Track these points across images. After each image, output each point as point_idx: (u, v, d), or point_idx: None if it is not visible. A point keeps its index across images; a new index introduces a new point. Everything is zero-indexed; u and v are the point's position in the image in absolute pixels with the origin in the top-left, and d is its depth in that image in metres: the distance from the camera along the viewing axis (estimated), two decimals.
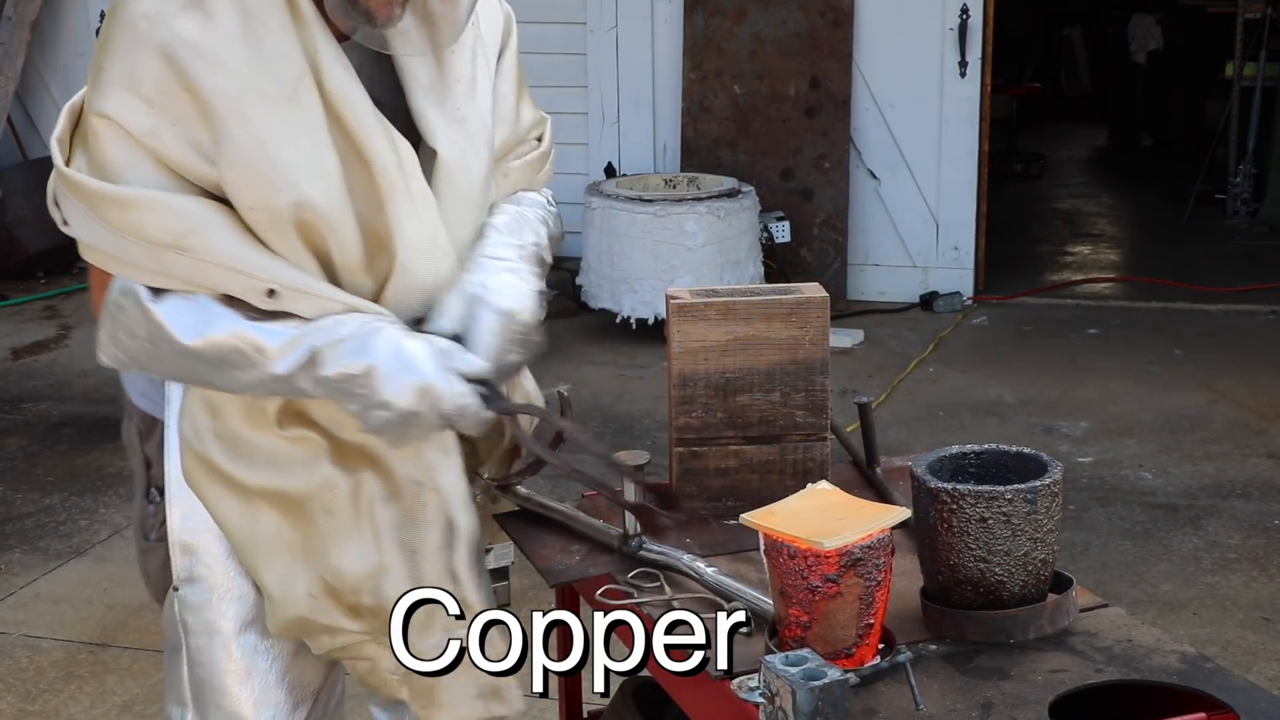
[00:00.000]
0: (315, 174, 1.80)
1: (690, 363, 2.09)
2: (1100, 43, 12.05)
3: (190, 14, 1.76)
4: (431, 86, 1.90)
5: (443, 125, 1.90)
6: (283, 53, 1.79)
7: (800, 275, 6.48)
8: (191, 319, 1.82)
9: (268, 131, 1.77)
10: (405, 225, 1.86)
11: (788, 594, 1.65)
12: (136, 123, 1.77)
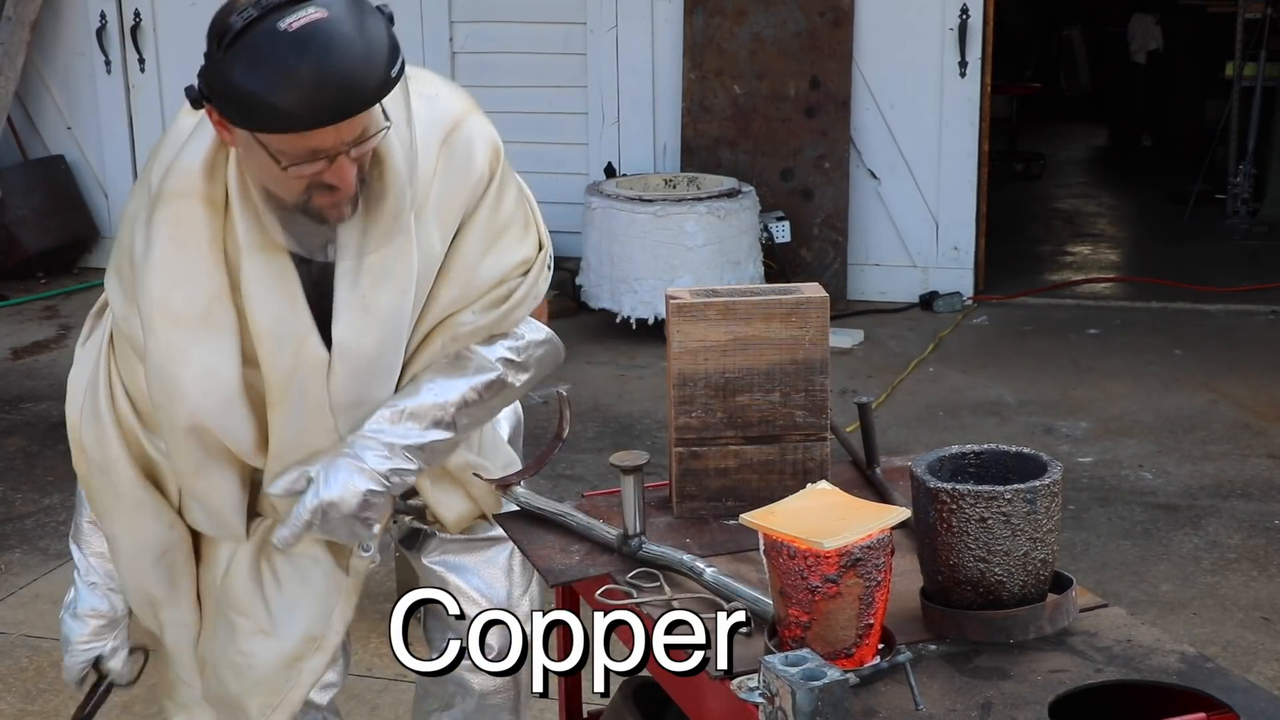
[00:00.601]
0: (209, 390, 2.03)
1: (690, 363, 2.09)
2: (1100, 43, 12.05)
3: (139, 231, 2.01)
4: (348, 270, 2.02)
5: (346, 310, 2.04)
6: (200, 273, 1.99)
7: (800, 275, 6.48)
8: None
9: (172, 349, 2.01)
10: (279, 426, 2.08)
11: (787, 594, 1.65)
12: (118, 307, 2.10)
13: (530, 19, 7.00)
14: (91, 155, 7.78)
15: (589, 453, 4.98)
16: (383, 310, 2.05)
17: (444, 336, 2.13)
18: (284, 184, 1.91)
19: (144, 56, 7.58)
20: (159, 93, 7.60)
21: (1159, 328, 6.45)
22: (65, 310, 7.10)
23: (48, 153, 7.77)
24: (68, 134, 7.79)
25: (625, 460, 2.00)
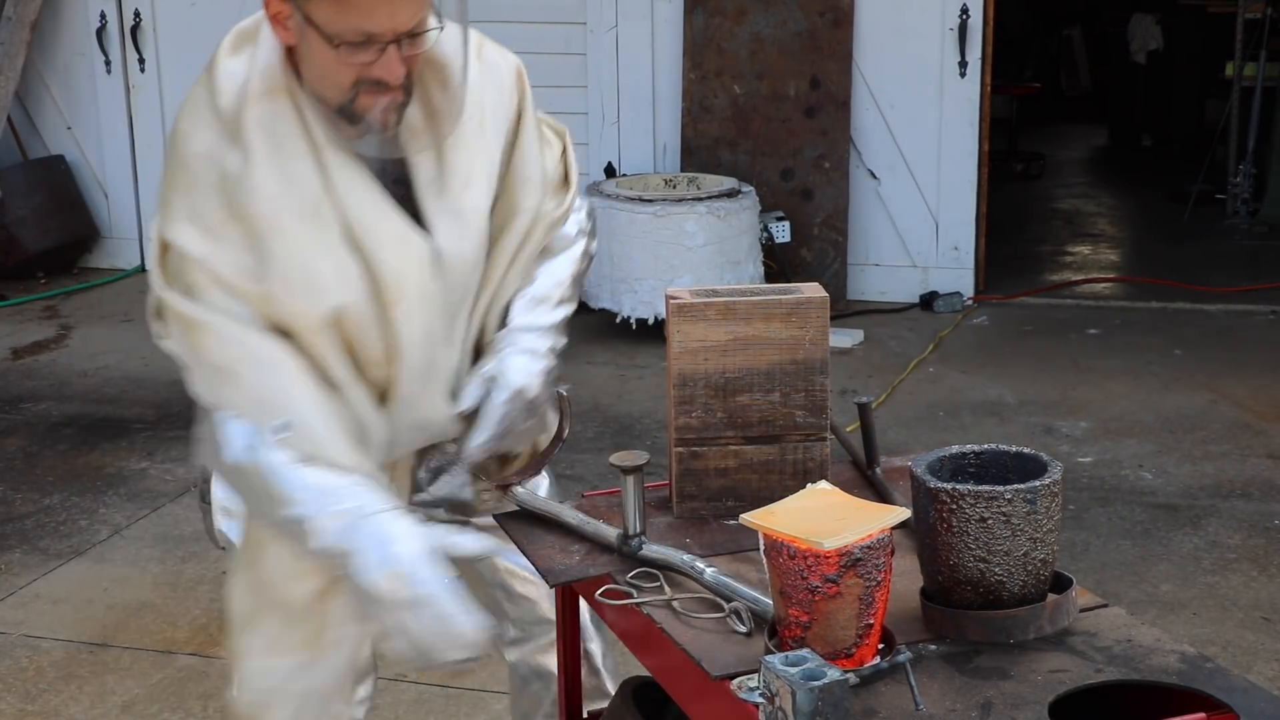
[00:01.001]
0: (343, 281, 2.02)
1: (690, 363, 2.09)
2: (1100, 43, 12.05)
3: (234, 150, 1.98)
4: (432, 181, 2.08)
5: (440, 218, 2.08)
6: (303, 175, 1.99)
7: (800, 275, 6.48)
8: (240, 444, 2.02)
9: (300, 244, 1.99)
10: (403, 325, 2.06)
11: (787, 594, 1.65)
12: (196, 248, 1.99)
13: (530, 19, 7.00)
14: (91, 155, 7.78)
15: (589, 453, 4.99)
16: (471, 213, 2.12)
17: (538, 231, 2.23)
18: (333, 76, 1.95)
19: (144, 56, 7.58)
20: (159, 93, 7.60)
21: (1159, 328, 6.45)
22: (65, 310, 7.10)
23: (48, 153, 7.77)
24: (68, 134, 7.79)
25: (625, 460, 2.00)
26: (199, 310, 2.00)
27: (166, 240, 2.02)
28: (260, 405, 2.01)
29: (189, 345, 2.03)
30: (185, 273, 2.01)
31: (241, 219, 1.98)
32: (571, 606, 2.31)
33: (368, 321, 2.05)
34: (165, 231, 2.02)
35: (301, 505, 1.99)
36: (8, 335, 6.67)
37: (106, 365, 6.16)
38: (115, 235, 7.81)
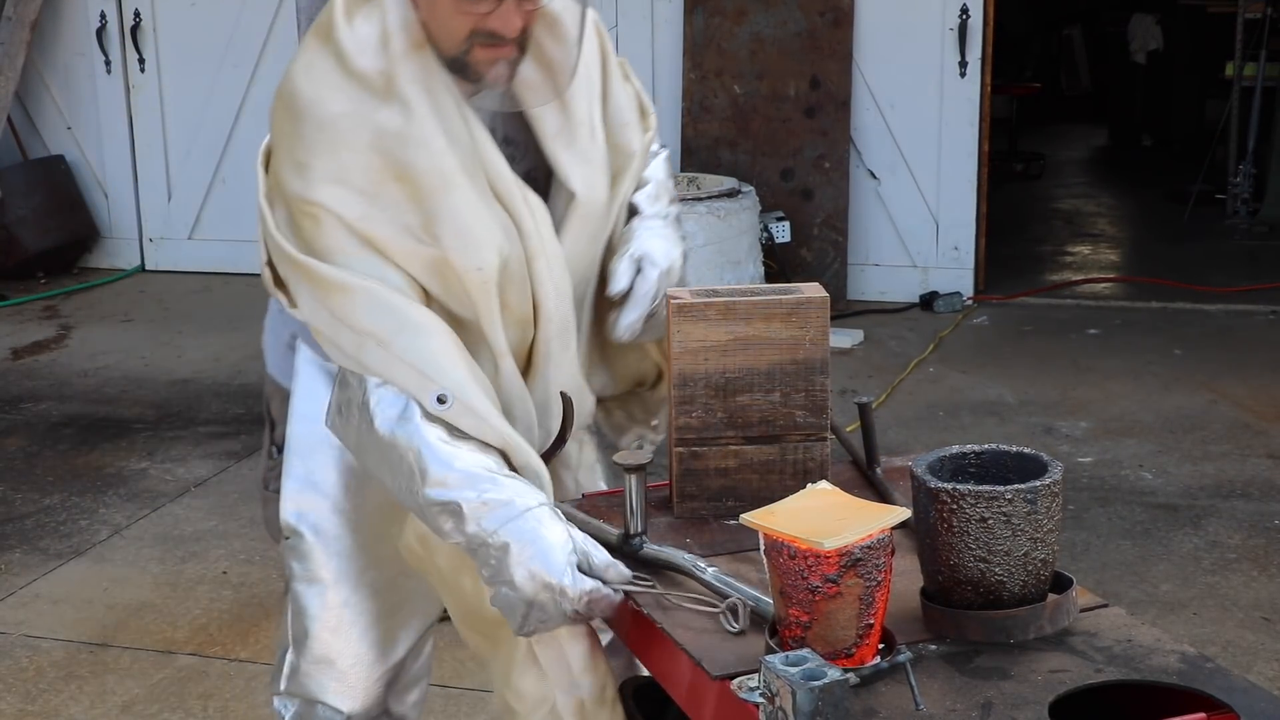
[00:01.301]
0: (510, 237, 2.01)
1: (690, 363, 2.09)
2: (1100, 43, 12.06)
3: (390, 106, 1.94)
4: (560, 131, 2.08)
5: (576, 167, 2.09)
6: (459, 130, 1.98)
7: (800, 275, 6.48)
8: (393, 413, 1.95)
9: (470, 199, 1.97)
10: (544, 280, 2.05)
11: (788, 594, 1.65)
12: (349, 210, 1.94)
13: None
14: (91, 155, 7.78)
15: None
16: (599, 162, 2.13)
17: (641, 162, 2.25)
18: (450, 26, 1.94)
19: (144, 56, 7.59)
20: (159, 93, 7.61)
21: (1159, 328, 6.45)
22: (65, 310, 7.10)
23: (48, 153, 7.77)
24: (68, 134, 7.79)
25: (628, 459, 2.00)
26: (344, 275, 1.95)
27: (314, 201, 1.95)
28: (414, 374, 1.95)
29: (330, 310, 1.96)
30: (325, 235, 1.96)
31: (405, 178, 1.94)
32: None
33: (521, 278, 2.03)
34: (308, 193, 1.95)
35: (454, 489, 1.91)
36: (8, 335, 6.67)
37: (106, 365, 6.16)
38: (115, 235, 7.82)
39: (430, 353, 1.95)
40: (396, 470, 1.95)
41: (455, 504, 1.90)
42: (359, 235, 1.95)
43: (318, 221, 1.96)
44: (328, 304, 1.96)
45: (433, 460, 1.92)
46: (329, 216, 1.95)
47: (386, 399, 1.95)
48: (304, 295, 2.00)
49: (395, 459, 1.95)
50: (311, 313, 2.00)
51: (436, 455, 1.92)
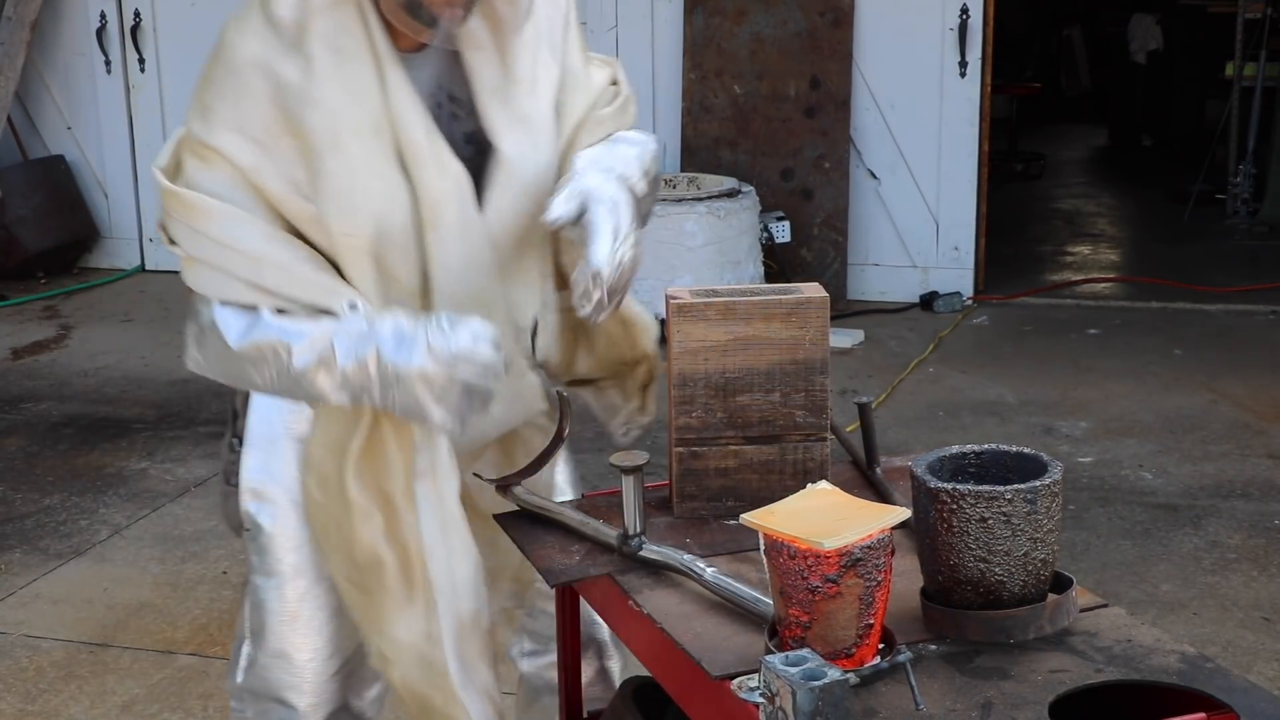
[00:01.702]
0: (397, 205, 1.98)
1: (690, 363, 2.09)
2: (1100, 43, 12.06)
3: (292, 58, 1.94)
4: (497, 87, 2.05)
5: (506, 124, 2.05)
6: (367, 89, 1.96)
7: (800, 275, 6.48)
8: (241, 325, 1.98)
9: (357, 163, 1.95)
10: (436, 251, 2.02)
11: (788, 594, 1.65)
12: (243, 159, 1.95)
13: None
14: (91, 155, 7.78)
15: (589, 453, 4.98)
16: (538, 120, 2.09)
17: (585, 132, 2.16)
18: None
19: (144, 56, 7.59)
20: (159, 93, 7.61)
21: (1159, 328, 6.45)
22: (65, 310, 7.10)
23: (48, 153, 7.77)
24: (68, 134, 7.79)
25: (625, 460, 2.00)
26: (233, 207, 1.96)
27: (210, 145, 1.96)
28: (321, 288, 1.98)
29: (215, 239, 1.96)
30: (215, 180, 1.96)
31: (298, 133, 1.94)
32: (572, 606, 2.31)
33: (408, 246, 2.01)
34: (206, 136, 1.96)
35: (316, 346, 1.95)
36: (8, 335, 6.67)
37: (106, 365, 6.16)
38: (115, 235, 7.82)
39: (317, 269, 1.97)
40: (263, 367, 1.99)
41: (325, 355, 1.94)
42: (249, 185, 1.96)
43: (210, 165, 1.97)
44: (212, 232, 1.96)
45: (288, 336, 1.96)
46: (222, 162, 1.96)
47: (232, 317, 1.99)
48: (182, 229, 2.00)
49: (259, 359, 1.98)
50: (191, 243, 1.99)
51: (290, 331, 1.96)
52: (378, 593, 2.07)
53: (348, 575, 2.10)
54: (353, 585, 2.10)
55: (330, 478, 2.07)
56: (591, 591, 2.04)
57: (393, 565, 2.06)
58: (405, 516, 2.06)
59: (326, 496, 2.09)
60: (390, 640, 2.08)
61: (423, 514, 2.08)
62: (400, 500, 2.05)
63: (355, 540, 2.05)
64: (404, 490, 2.06)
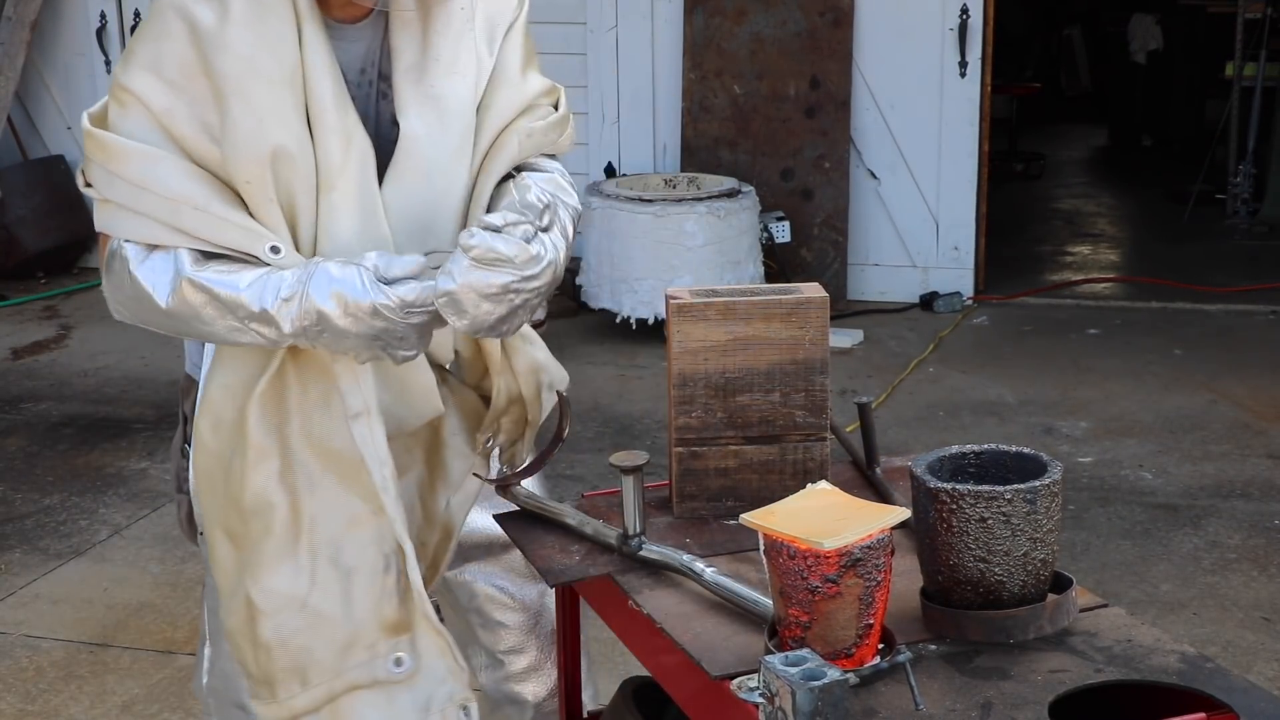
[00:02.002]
0: (299, 157, 1.93)
1: (690, 363, 2.09)
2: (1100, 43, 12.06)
3: (210, 3, 1.92)
4: (413, 65, 2.02)
5: (413, 102, 2.01)
6: (280, 42, 1.93)
7: (800, 275, 6.48)
8: (166, 281, 1.95)
9: (264, 112, 1.91)
10: (327, 216, 1.97)
11: (787, 594, 1.65)
12: (155, 100, 1.92)
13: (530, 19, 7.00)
14: None
15: (589, 453, 4.98)
16: (452, 101, 2.03)
17: (514, 139, 2.09)
18: None
19: None
20: None
21: (1159, 328, 6.45)
22: (65, 310, 7.10)
23: (48, 153, 7.77)
24: (68, 134, 7.79)
25: (625, 460, 2.00)
26: (147, 146, 1.93)
27: (125, 86, 1.94)
28: (241, 231, 1.93)
29: (130, 180, 1.94)
30: (128, 121, 1.94)
31: (209, 75, 1.91)
32: (572, 606, 2.31)
33: (306, 205, 1.96)
34: (123, 78, 1.94)
35: (254, 302, 1.90)
36: (8, 335, 6.67)
37: (106, 365, 6.16)
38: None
39: (237, 211, 1.93)
40: (197, 323, 1.95)
41: (264, 313, 1.89)
42: (161, 127, 1.93)
43: (124, 107, 1.94)
44: (126, 173, 1.93)
45: (225, 289, 1.90)
46: (137, 104, 1.93)
47: (157, 270, 1.96)
48: (98, 172, 1.98)
49: (192, 315, 1.94)
50: (107, 186, 1.98)
51: (226, 284, 1.91)
52: (263, 540, 2.00)
53: (227, 525, 2.03)
54: (229, 537, 2.03)
55: (226, 420, 2.02)
56: (591, 591, 2.04)
57: (283, 509, 2.00)
58: (300, 458, 2.00)
59: (218, 440, 2.02)
60: (266, 590, 2.00)
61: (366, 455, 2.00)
62: (296, 442, 2.00)
63: (246, 484, 1.99)
64: (300, 432, 2.00)
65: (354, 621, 2.02)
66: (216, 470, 2.04)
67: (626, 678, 2.43)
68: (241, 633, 2.03)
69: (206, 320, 1.94)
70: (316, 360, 1.99)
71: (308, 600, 2.01)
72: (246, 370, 2.01)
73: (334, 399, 2.00)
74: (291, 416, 2.00)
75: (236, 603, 2.03)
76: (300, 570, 2.01)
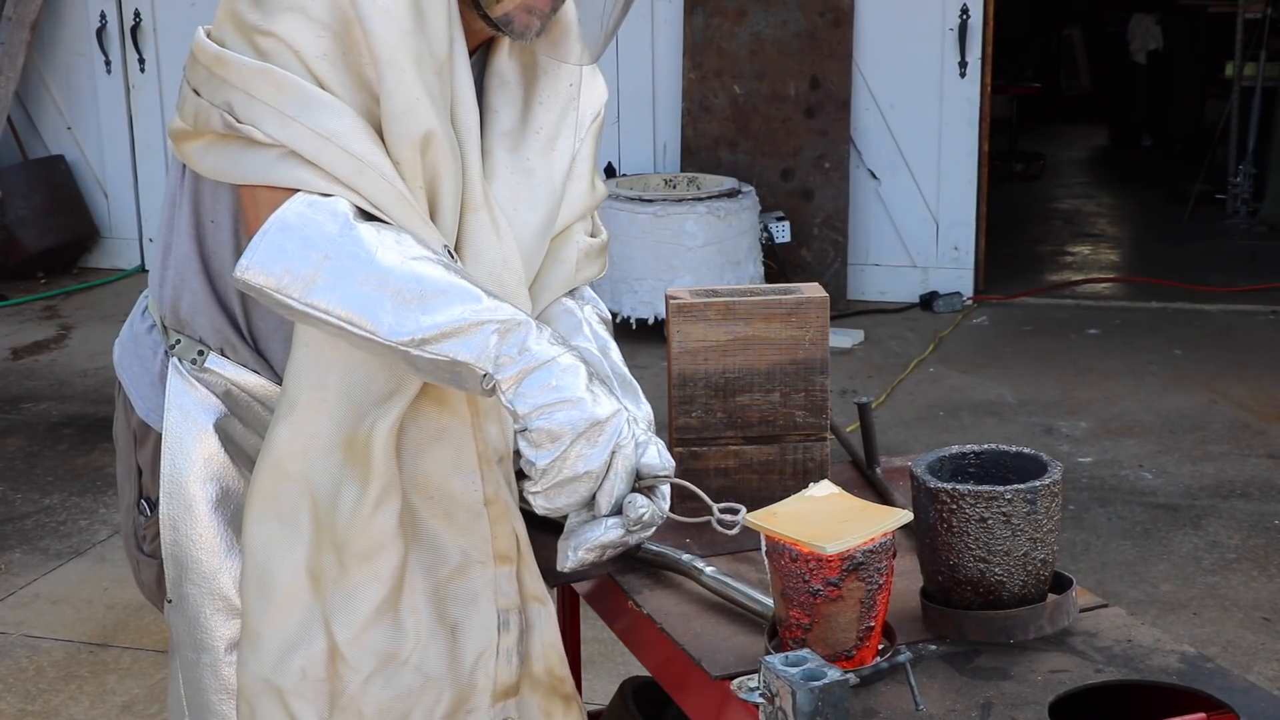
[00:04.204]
0: (452, 155, 1.72)
1: (690, 363, 2.09)
2: (1100, 43, 12.07)
3: None
4: (509, 132, 1.84)
5: (505, 170, 1.83)
6: (440, 32, 1.71)
7: (800, 275, 6.49)
8: (392, 241, 1.64)
9: (420, 92, 1.68)
10: (475, 237, 1.78)
11: (789, 596, 1.65)
12: (309, 45, 1.65)
13: None
14: (91, 155, 7.78)
15: None
16: (542, 177, 1.85)
17: (573, 251, 1.95)
18: None
19: (144, 56, 7.59)
20: (159, 93, 7.61)
21: (1159, 328, 6.45)
22: (65, 310, 7.10)
23: (48, 153, 7.77)
24: (68, 134, 7.79)
25: None
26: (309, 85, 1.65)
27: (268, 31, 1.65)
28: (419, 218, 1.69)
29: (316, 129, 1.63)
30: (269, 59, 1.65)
31: (362, 25, 1.65)
32: (572, 606, 2.31)
33: (451, 210, 1.74)
34: (262, 22, 1.65)
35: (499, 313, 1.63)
36: (8, 335, 6.67)
37: (106, 365, 6.15)
38: (115, 235, 7.82)
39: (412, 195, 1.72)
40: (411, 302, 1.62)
41: (524, 324, 1.64)
42: (314, 77, 1.65)
43: (266, 55, 1.65)
44: (310, 119, 1.64)
45: (478, 288, 1.65)
46: (283, 50, 1.65)
47: (380, 229, 1.66)
48: (267, 111, 1.65)
49: (415, 292, 1.63)
50: (282, 129, 1.64)
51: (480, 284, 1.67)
52: (365, 587, 1.75)
53: (314, 566, 1.76)
54: (313, 578, 1.76)
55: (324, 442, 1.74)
56: (591, 591, 2.04)
57: (396, 556, 1.76)
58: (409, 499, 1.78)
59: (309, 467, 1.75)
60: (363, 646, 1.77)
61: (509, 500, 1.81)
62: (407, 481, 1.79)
63: (367, 526, 1.74)
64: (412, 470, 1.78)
65: (459, 683, 1.82)
66: (300, 500, 1.76)
67: (626, 678, 2.43)
68: (301, 693, 1.76)
69: (430, 307, 1.62)
70: (444, 391, 1.76)
71: (409, 658, 1.79)
72: (369, 391, 1.74)
73: (455, 436, 1.79)
74: (405, 451, 1.78)
75: (301, 658, 1.76)
76: (402, 624, 1.78)
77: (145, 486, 1.95)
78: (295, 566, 1.76)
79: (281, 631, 1.77)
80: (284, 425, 1.75)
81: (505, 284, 1.80)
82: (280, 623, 1.77)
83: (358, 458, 1.74)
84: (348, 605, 1.76)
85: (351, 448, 1.75)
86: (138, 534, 1.97)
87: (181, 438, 1.85)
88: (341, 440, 1.75)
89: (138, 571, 1.98)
